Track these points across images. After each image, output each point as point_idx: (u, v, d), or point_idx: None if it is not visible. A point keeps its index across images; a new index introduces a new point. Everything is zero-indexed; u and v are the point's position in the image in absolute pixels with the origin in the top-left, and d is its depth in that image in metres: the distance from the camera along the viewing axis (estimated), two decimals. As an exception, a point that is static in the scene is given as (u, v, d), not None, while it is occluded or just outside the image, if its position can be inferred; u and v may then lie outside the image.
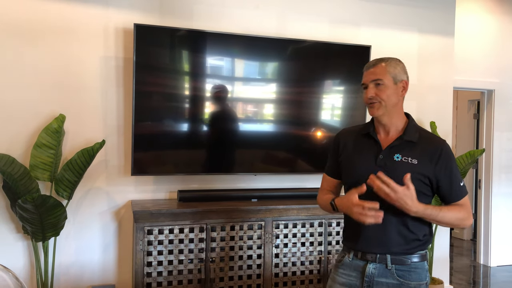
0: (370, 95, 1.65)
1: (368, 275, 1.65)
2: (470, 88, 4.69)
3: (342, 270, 1.73)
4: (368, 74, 1.69)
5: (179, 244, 2.71)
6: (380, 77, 1.65)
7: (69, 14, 2.85)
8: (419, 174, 1.61)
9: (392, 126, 1.70)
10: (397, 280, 1.63)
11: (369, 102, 1.67)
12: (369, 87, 1.67)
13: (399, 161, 1.63)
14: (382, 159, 1.65)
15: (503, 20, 4.71)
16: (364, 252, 1.67)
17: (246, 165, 3.14)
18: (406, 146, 1.66)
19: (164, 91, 2.93)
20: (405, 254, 1.64)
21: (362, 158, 1.70)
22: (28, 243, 2.80)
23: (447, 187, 1.65)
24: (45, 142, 2.65)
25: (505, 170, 4.79)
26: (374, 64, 1.69)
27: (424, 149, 1.65)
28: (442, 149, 1.65)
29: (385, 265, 1.64)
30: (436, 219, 1.60)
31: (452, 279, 4.28)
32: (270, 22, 3.30)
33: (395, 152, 1.65)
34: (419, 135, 1.69)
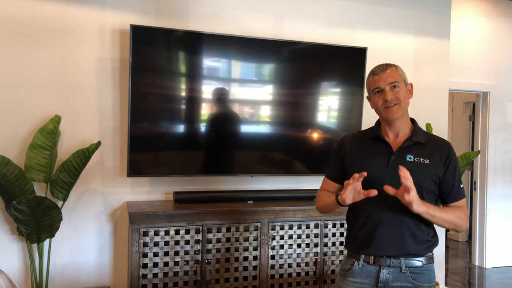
0: (390, 97, 1.66)
1: (382, 281, 1.65)
2: (466, 90, 4.71)
3: (352, 278, 1.71)
4: (382, 78, 1.69)
5: (175, 245, 2.70)
6: (397, 80, 1.68)
7: (66, 15, 2.84)
8: (432, 174, 1.65)
9: (401, 129, 1.73)
10: (412, 283, 1.65)
11: (386, 106, 1.67)
12: (386, 90, 1.67)
13: (412, 161, 1.66)
14: (394, 160, 1.67)
15: (498, 22, 4.74)
16: (377, 256, 1.66)
17: (243, 167, 3.14)
18: (416, 147, 1.69)
19: (160, 92, 2.92)
20: (417, 256, 1.66)
21: (374, 160, 1.70)
22: (22, 244, 2.78)
23: (449, 187, 1.68)
24: (40, 143, 2.64)
25: (500, 171, 4.81)
26: (386, 68, 1.70)
27: (434, 150, 1.69)
28: (450, 150, 1.71)
29: (399, 269, 1.65)
30: (438, 217, 1.61)
31: (448, 280, 4.29)
32: (267, 23, 3.30)
33: (406, 153, 1.68)
34: (427, 137, 1.73)
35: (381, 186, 1.59)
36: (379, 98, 1.69)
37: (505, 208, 4.82)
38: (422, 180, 1.63)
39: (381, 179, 1.63)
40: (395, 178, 1.60)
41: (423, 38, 3.80)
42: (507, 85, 4.79)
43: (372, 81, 1.71)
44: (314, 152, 3.31)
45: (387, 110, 1.68)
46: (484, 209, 4.75)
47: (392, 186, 1.58)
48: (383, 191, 1.58)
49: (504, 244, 4.82)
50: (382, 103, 1.68)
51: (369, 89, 1.75)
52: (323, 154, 3.31)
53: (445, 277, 4.21)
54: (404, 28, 3.73)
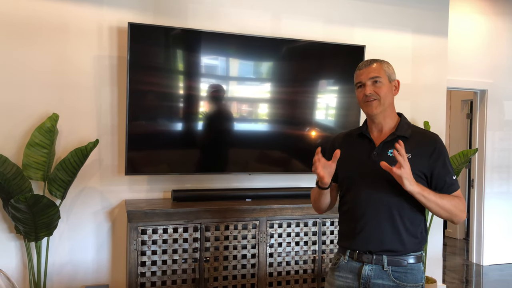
0: (369, 91, 1.67)
1: (364, 277, 1.65)
2: (463, 88, 4.72)
3: (338, 273, 1.73)
4: (364, 73, 1.70)
5: (173, 243, 2.70)
6: (378, 75, 1.68)
7: (63, 13, 2.84)
8: (414, 168, 1.60)
9: (385, 125, 1.72)
10: (393, 281, 1.62)
11: (366, 100, 1.68)
12: (367, 85, 1.68)
13: (393, 156, 1.62)
14: (376, 155, 1.68)
15: (496, 20, 4.74)
16: (360, 252, 1.67)
17: (241, 165, 3.14)
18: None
19: (158, 90, 2.92)
20: (401, 254, 1.64)
21: (357, 156, 1.73)
22: (20, 243, 2.78)
23: (441, 180, 1.65)
24: (38, 141, 2.64)
25: (498, 169, 4.83)
26: (370, 63, 1.71)
27: (418, 144, 1.67)
28: (436, 143, 1.67)
29: (381, 266, 1.63)
30: (432, 201, 1.56)
31: (445, 278, 4.30)
32: (265, 21, 3.30)
33: (388, 148, 1.68)
34: (412, 131, 1.71)
35: (364, 182, 1.64)
36: (360, 93, 1.71)
37: (502, 205, 4.84)
38: None
39: (363, 175, 1.65)
40: (377, 173, 1.62)
41: (421, 36, 3.80)
42: (504, 83, 4.80)
43: (356, 76, 1.74)
44: (312, 150, 3.28)
45: (366, 104, 1.70)
46: (482, 206, 4.76)
47: (374, 181, 1.63)
48: (366, 184, 1.63)
49: (501, 241, 4.84)
50: (362, 98, 1.70)
51: (354, 84, 1.77)
52: (321, 152, 3.31)
53: (443, 275, 4.22)
54: (402, 26, 3.73)
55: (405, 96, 3.77)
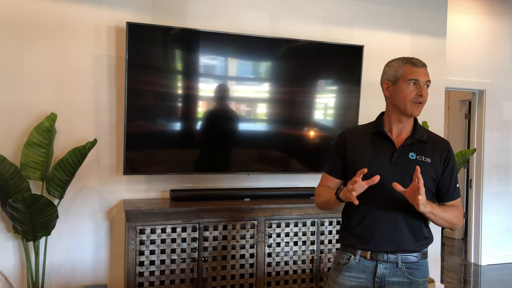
0: (425, 94, 1.66)
1: (379, 276, 1.66)
2: (462, 89, 4.73)
3: (348, 273, 1.70)
4: (423, 73, 1.67)
5: (172, 243, 2.70)
6: (430, 80, 1.70)
7: (61, 12, 2.83)
8: (432, 173, 1.66)
9: (406, 128, 1.73)
10: (408, 278, 1.66)
11: (418, 101, 1.67)
12: (422, 86, 1.67)
13: (414, 159, 1.66)
14: (397, 157, 1.67)
15: (494, 21, 4.75)
16: (374, 252, 1.67)
17: (239, 165, 3.14)
18: (418, 145, 1.70)
19: (156, 90, 2.92)
20: (413, 252, 1.67)
21: (377, 156, 1.69)
22: (18, 242, 2.78)
23: (446, 186, 1.69)
24: (36, 141, 2.63)
25: (496, 169, 4.83)
26: (424, 65, 1.70)
27: (434, 149, 1.70)
28: (450, 149, 1.72)
29: (395, 264, 1.66)
30: (439, 216, 1.61)
31: (443, 277, 4.31)
32: (264, 21, 3.30)
33: (409, 151, 1.68)
34: (428, 136, 1.74)
35: (384, 184, 1.60)
36: (411, 90, 1.65)
37: (500, 205, 4.85)
38: (423, 178, 1.60)
39: (383, 176, 1.61)
40: (398, 175, 1.63)
41: (420, 36, 3.81)
42: (503, 84, 4.81)
43: (411, 71, 1.66)
44: (310, 150, 3.31)
45: (414, 105, 1.66)
46: (480, 206, 4.77)
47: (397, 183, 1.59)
48: (385, 187, 1.60)
49: (499, 241, 4.85)
50: (414, 97, 1.65)
51: (398, 76, 1.68)
52: (320, 152, 3.32)
53: (441, 274, 4.23)
54: (401, 26, 3.73)
55: (403, 96, 3.77)
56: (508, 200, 4.89)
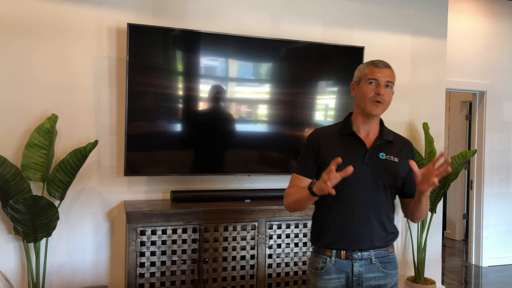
0: (383, 93, 1.68)
1: (356, 274, 1.70)
2: (462, 90, 4.72)
3: (327, 276, 1.71)
4: (382, 73, 1.70)
5: (172, 244, 2.70)
6: (393, 81, 1.73)
7: (62, 14, 2.84)
8: (401, 172, 1.75)
9: (372, 128, 1.78)
10: (382, 272, 1.73)
11: (376, 100, 1.69)
12: (381, 85, 1.69)
13: (384, 159, 1.73)
14: (368, 157, 1.72)
15: (494, 22, 4.75)
16: (349, 251, 1.70)
17: (240, 166, 3.14)
18: (386, 146, 1.77)
19: (157, 91, 2.92)
20: (383, 247, 1.74)
21: (350, 156, 1.70)
22: (19, 244, 2.78)
23: (412, 182, 1.72)
24: (37, 142, 2.63)
25: (497, 170, 4.83)
26: (387, 66, 1.73)
27: (401, 148, 1.79)
28: (412, 148, 1.83)
29: (369, 261, 1.71)
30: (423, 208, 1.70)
31: (444, 279, 4.30)
32: (264, 22, 3.30)
33: (379, 151, 1.74)
34: (393, 136, 1.81)
35: (356, 184, 1.68)
36: (370, 89, 1.69)
37: (501, 207, 4.84)
38: (394, 177, 1.73)
39: (357, 176, 1.65)
40: (370, 175, 1.70)
41: (420, 37, 3.81)
42: (503, 85, 4.81)
43: (371, 71, 1.70)
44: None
45: (373, 104, 1.69)
46: (481, 208, 4.77)
47: (366, 183, 1.68)
48: (358, 187, 1.67)
49: (500, 243, 4.84)
50: (373, 96, 1.68)
51: (361, 77, 1.73)
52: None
53: (442, 276, 4.22)
54: (401, 27, 3.74)
55: (404, 97, 3.78)
56: (509, 201, 4.88)
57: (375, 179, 1.70)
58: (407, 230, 3.77)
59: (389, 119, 3.86)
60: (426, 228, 3.63)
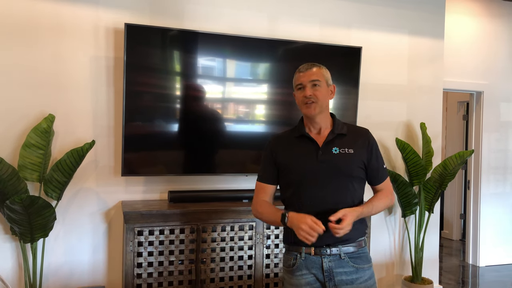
0: (309, 94, 1.77)
1: (326, 269, 1.75)
2: (460, 90, 4.73)
3: (299, 272, 1.78)
4: (305, 76, 1.80)
5: (170, 245, 2.70)
6: (317, 78, 1.80)
7: (59, 13, 2.83)
8: (358, 162, 1.79)
9: (323, 125, 1.83)
10: (353, 266, 1.77)
11: (306, 102, 1.78)
12: (306, 87, 1.78)
13: (338, 153, 1.78)
14: (322, 154, 1.78)
15: (491, 22, 4.77)
16: (317, 247, 1.74)
17: (237, 166, 3.14)
18: (339, 139, 1.81)
19: (155, 91, 2.91)
20: (352, 242, 1.78)
21: (304, 157, 1.80)
22: (16, 244, 2.77)
23: (374, 171, 1.83)
24: (34, 142, 2.62)
25: (494, 171, 4.84)
26: (310, 67, 1.82)
27: (355, 139, 1.83)
28: (369, 136, 1.86)
29: (338, 256, 1.75)
30: (371, 213, 1.81)
31: (442, 279, 4.31)
32: (262, 22, 3.30)
33: (332, 146, 1.79)
34: (347, 128, 1.85)
35: (313, 181, 1.75)
36: (300, 94, 1.80)
37: (498, 207, 4.86)
38: (350, 169, 1.77)
39: (314, 174, 1.75)
40: (327, 171, 1.75)
41: (418, 38, 3.82)
42: (500, 85, 4.82)
43: (296, 78, 1.83)
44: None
45: (306, 106, 1.79)
46: (478, 208, 4.78)
47: (325, 179, 1.74)
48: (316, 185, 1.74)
49: (497, 242, 4.85)
50: (302, 99, 1.79)
51: (294, 85, 1.86)
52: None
53: (439, 276, 4.23)
54: (399, 28, 3.74)
55: (401, 98, 3.78)
56: (506, 201, 4.90)
57: (332, 175, 1.75)
58: (404, 230, 3.78)
59: (387, 119, 3.89)
60: (424, 228, 3.63)
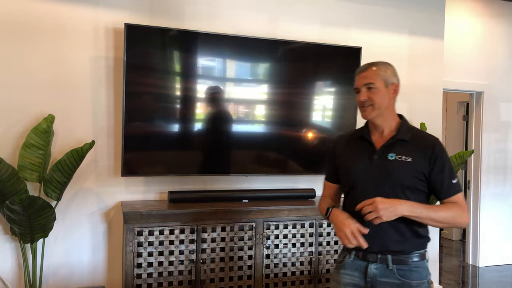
0: (363, 98, 1.71)
1: (370, 276, 1.68)
2: (459, 90, 4.74)
3: (343, 270, 1.76)
4: (360, 78, 1.74)
5: (170, 245, 2.69)
6: (371, 81, 1.70)
7: (59, 14, 2.83)
8: (414, 171, 1.66)
9: (385, 127, 1.75)
10: (399, 279, 1.66)
11: (361, 106, 1.73)
12: (361, 91, 1.72)
13: (394, 159, 1.68)
14: (377, 159, 1.71)
15: (491, 22, 4.76)
16: (365, 252, 1.69)
17: (237, 166, 3.14)
18: (399, 145, 1.70)
19: (154, 91, 2.91)
20: (405, 253, 1.67)
21: (358, 159, 1.75)
22: (16, 244, 2.77)
23: (439, 184, 1.66)
24: (33, 142, 2.62)
25: (494, 171, 4.84)
26: (365, 69, 1.74)
27: (417, 147, 1.69)
28: (435, 146, 1.68)
29: (386, 265, 1.67)
30: (430, 217, 1.61)
31: (442, 279, 4.31)
32: (262, 22, 3.30)
33: (389, 151, 1.70)
34: (412, 134, 1.74)
35: (366, 185, 1.67)
36: (357, 98, 1.76)
37: (498, 207, 4.86)
38: (403, 178, 1.65)
39: (365, 178, 1.70)
40: (378, 177, 1.68)
41: (418, 38, 3.82)
42: (500, 85, 4.82)
43: (355, 81, 1.78)
44: (308, 152, 3.31)
45: (361, 110, 1.75)
46: (478, 208, 4.78)
47: (377, 184, 1.66)
48: (367, 188, 1.66)
49: (497, 242, 4.85)
50: (358, 103, 1.74)
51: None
52: (318, 153, 3.32)
53: (439, 276, 4.23)
54: (399, 28, 3.74)
55: (401, 98, 3.77)
56: (506, 201, 4.90)
57: (384, 181, 1.66)
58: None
59: (387, 120, 3.88)
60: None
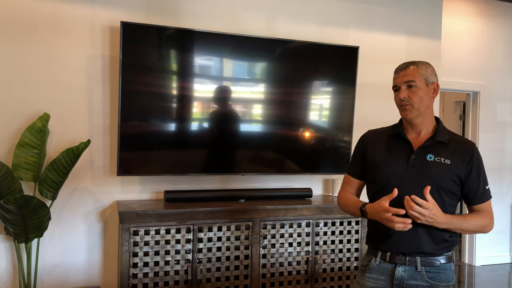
0: (403, 96, 1.67)
1: (397, 278, 1.65)
2: (456, 90, 4.74)
3: (369, 274, 1.71)
4: (400, 76, 1.70)
5: (166, 245, 2.68)
6: (413, 79, 1.67)
7: (55, 12, 2.80)
8: (452, 174, 1.64)
9: (423, 128, 1.71)
10: (427, 282, 1.63)
11: (401, 104, 1.68)
12: (401, 89, 1.68)
13: (432, 161, 1.65)
14: (414, 159, 1.66)
15: (488, 23, 4.77)
16: (392, 253, 1.66)
17: (234, 165, 3.13)
18: (437, 147, 1.67)
19: (151, 90, 2.90)
20: (434, 255, 1.64)
21: (394, 158, 1.70)
22: (10, 244, 2.75)
23: (474, 189, 1.68)
24: (28, 141, 2.60)
25: (490, 171, 4.83)
26: (405, 67, 1.71)
27: (456, 150, 1.67)
28: (474, 151, 1.69)
29: (414, 267, 1.64)
30: (461, 228, 1.63)
31: (438, 278, 4.31)
32: (260, 22, 3.29)
33: (427, 152, 1.67)
34: (450, 137, 1.72)
35: (400, 185, 1.60)
36: (396, 97, 1.71)
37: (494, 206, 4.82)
38: (441, 180, 1.62)
39: (400, 178, 1.64)
40: (415, 177, 1.63)
41: (415, 38, 3.82)
42: (497, 85, 4.83)
43: (393, 79, 1.73)
44: (305, 151, 3.31)
45: (401, 109, 1.70)
46: (474, 207, 4.78)
47: (412, 184, 1.61)
48: (401, 188, 1.58)
49: (493, 242, 4.86)
50: (398, 102, 1.70)
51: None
52: (315, 153, 3.31)
53: (435, 276, 4.23)
54: (396, 28, 3.74)
55: (398, 97, 3.78)
56: (502, 201, 4.91)
57: (420, 182, 1.60)
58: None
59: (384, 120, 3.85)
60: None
